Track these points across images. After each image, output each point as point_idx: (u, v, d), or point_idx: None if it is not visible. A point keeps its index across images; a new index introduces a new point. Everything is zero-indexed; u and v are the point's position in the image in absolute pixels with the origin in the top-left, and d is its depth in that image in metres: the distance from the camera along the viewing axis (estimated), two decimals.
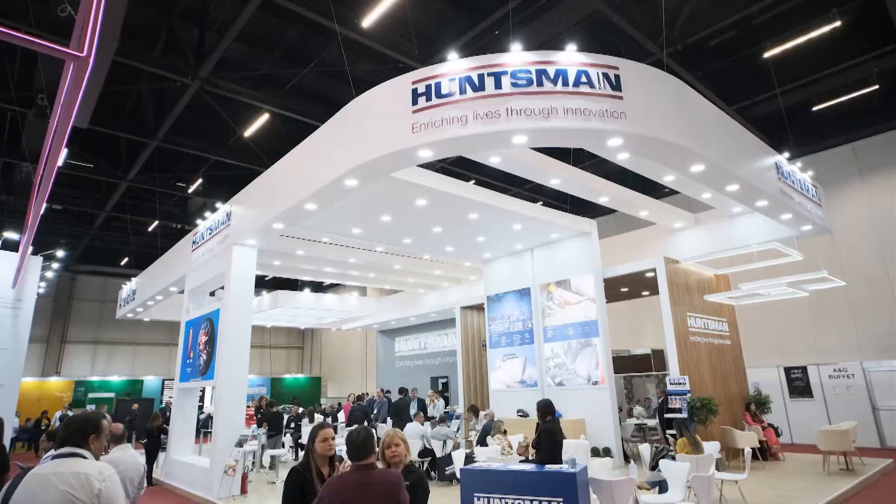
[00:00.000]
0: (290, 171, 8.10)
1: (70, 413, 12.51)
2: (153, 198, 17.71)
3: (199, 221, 15.23)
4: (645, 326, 17.56)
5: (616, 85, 5.85)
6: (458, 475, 7.25)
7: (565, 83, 5.74)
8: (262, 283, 25.93)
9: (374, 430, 12.05)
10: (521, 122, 5.61)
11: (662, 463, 5.58)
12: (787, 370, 13.24)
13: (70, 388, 23.38)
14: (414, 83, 6.03)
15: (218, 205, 14.33)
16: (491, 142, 5.84)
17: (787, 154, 11.47)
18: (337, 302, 17.42)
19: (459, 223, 10.05)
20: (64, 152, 14.48)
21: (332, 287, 26.52)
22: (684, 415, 9.02)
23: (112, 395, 21.70)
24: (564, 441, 5.42)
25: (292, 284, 23.50)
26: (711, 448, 6.69)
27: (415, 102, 5.96)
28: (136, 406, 15.34)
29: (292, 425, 12.60)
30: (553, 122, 5.61)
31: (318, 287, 25.40)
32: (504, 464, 4.78)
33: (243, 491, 8.41)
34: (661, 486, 5.41)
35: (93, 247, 23.35)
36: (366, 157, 6.26)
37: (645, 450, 6.90)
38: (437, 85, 5.91)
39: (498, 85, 5.73)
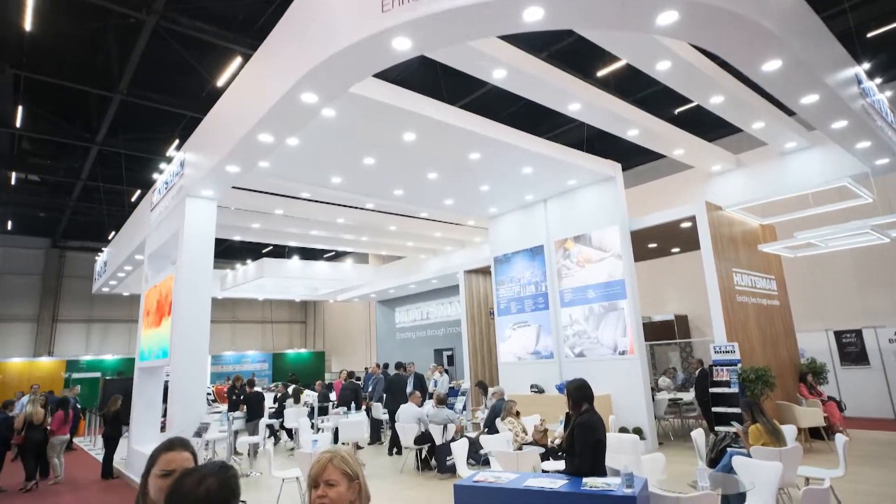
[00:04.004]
0: (238, 96, 6.43)
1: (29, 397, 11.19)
2: (132, 165, 16.15)
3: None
4: (666, 290, 16.00)
5: None
6: (458, 470, 5.79)
7: None
8: (257, 254, 24.56)
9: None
10: None
11: (737, 462, 4.02)
12: (838, 334, 11.59)
13: (62, 367, 22.33)
14: None
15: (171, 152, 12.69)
16: (495, 16, 4.11)
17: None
18: (329, 270, 15.91)
19: (458, 167, 8.38)
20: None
21: (338, 257, 25.11)
22: (734, 388, 7.48)
23: (98, 374, 20.54)
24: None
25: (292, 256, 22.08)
26: (787, 433, 5.12)
27: None
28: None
29: (279, 405, 11.25)
30: None
31: (316, 257, 23.96)
32: (521, 475, 3.25)
33: None
34: (732, 500, 3.86)
35: (77, 221, 22.00)
36: (322, 56, 4.59)
37: (699, 437, 5.36)
38: None
39: None
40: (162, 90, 12.26)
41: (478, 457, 7.23)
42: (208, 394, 14.28)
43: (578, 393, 3.37)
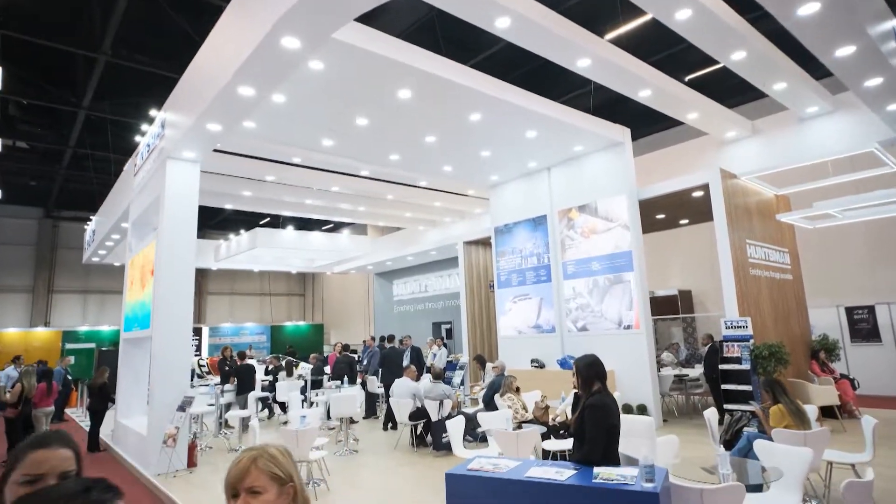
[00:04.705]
0: (216, 46, 5.88)
1: (15, 369, 10.94)
2: (121, 131, 15.57)
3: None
4: (670, 264, 15.59)
5: None
6: (453, 449, 5.48)
7: None
8: (254, 226, 24.13)
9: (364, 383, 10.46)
10: None
11: (760, 446, 3.66)
12: (850, 310, 11.21)
13: (59, 338, 22.18)
14: None
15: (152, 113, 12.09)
16: None
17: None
18: (325, 241, 15.46)
19: (457, 129, 7.86)
20: None
21: (337, 230, 24.71)
22: (745, 365, 7.12)
23: (92, 345, 20.34)
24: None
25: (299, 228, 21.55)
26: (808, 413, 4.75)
27: None
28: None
29: (272, 378, 10.97)
30: None
31: (315, 229, 23.52)
32: (522, 462, 2.87)
33: (191, 464, 6.75)
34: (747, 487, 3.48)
35: (69, 190, 21.49)
36: None
37: (712, 416, 5.00)
38: None
39: None
40: (148, 52, 11.61)
41: (475, 434, 6.93)
42: (202, 365, 14.04)
43: (589, 370, 2.96)
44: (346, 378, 9.41)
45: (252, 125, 7.30)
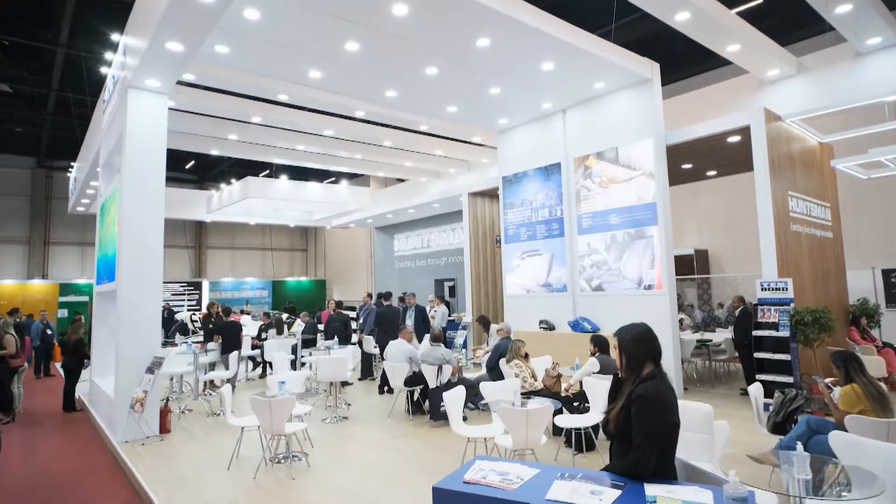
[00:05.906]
0: None
1: None
2: (99, 71, 14.45)
3: None
4: (686, 222, 14.68)
5: None
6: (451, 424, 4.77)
7: None
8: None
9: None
10: None
11: (837, 440, 2.87)
12: (886, 273, 10.32)
13: (56, 290, 21.76)
14: None
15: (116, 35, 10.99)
16: None
17: None
18: (322, 192, 14.54)
19: (463, 58, 6.80)
20: None
21: (339, 182, 23.75)
22: (783, 332, 6.31)
23: (86, 298, 19.87)
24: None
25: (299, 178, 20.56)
26: None
27: None
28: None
29: (264, 335, 10.34)
30: None
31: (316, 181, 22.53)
32: (540, 471, 2.04)
33: (163, 430, 6.13)
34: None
35: (59, 137, 20.49)
36: None
37: (757, 393, 4.22)
38: None
39: None
40: None
41: (477, 401, 6.25)
42: (194, 321, 13.46)
43: (638, 346, 2.10)
44: (338, 338, 8.71)
45: (225, 49, 6.28)
